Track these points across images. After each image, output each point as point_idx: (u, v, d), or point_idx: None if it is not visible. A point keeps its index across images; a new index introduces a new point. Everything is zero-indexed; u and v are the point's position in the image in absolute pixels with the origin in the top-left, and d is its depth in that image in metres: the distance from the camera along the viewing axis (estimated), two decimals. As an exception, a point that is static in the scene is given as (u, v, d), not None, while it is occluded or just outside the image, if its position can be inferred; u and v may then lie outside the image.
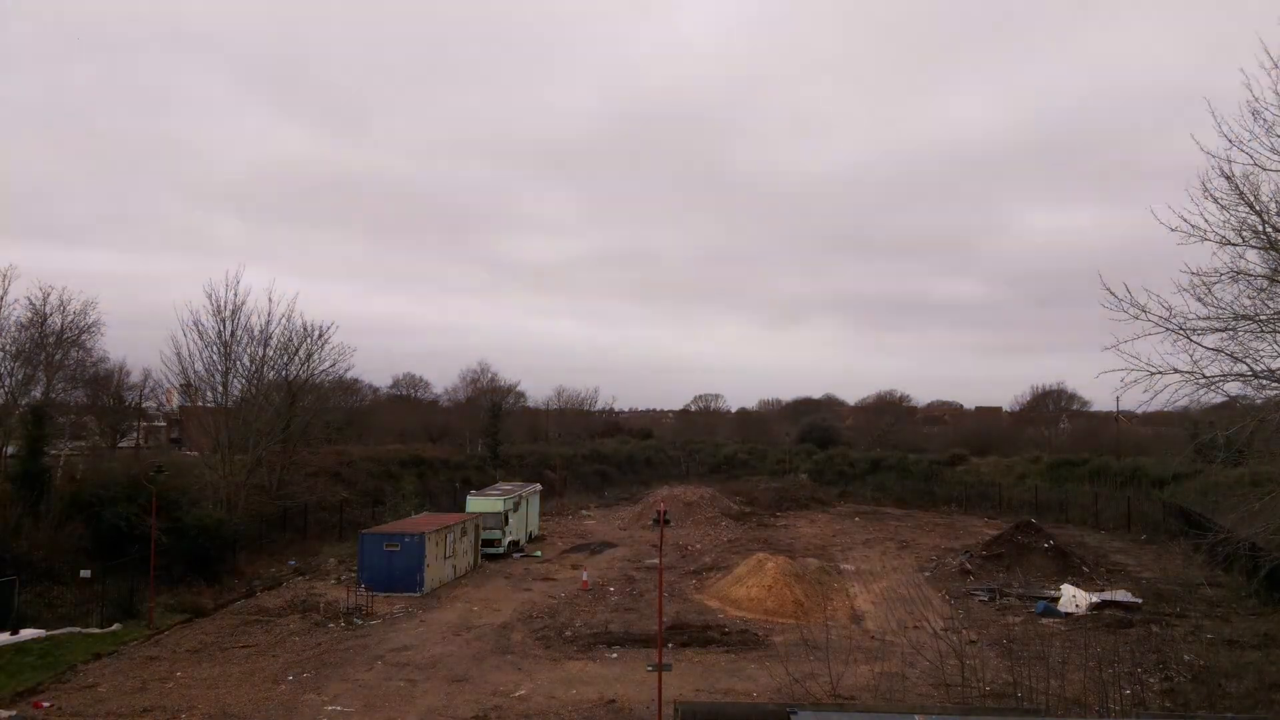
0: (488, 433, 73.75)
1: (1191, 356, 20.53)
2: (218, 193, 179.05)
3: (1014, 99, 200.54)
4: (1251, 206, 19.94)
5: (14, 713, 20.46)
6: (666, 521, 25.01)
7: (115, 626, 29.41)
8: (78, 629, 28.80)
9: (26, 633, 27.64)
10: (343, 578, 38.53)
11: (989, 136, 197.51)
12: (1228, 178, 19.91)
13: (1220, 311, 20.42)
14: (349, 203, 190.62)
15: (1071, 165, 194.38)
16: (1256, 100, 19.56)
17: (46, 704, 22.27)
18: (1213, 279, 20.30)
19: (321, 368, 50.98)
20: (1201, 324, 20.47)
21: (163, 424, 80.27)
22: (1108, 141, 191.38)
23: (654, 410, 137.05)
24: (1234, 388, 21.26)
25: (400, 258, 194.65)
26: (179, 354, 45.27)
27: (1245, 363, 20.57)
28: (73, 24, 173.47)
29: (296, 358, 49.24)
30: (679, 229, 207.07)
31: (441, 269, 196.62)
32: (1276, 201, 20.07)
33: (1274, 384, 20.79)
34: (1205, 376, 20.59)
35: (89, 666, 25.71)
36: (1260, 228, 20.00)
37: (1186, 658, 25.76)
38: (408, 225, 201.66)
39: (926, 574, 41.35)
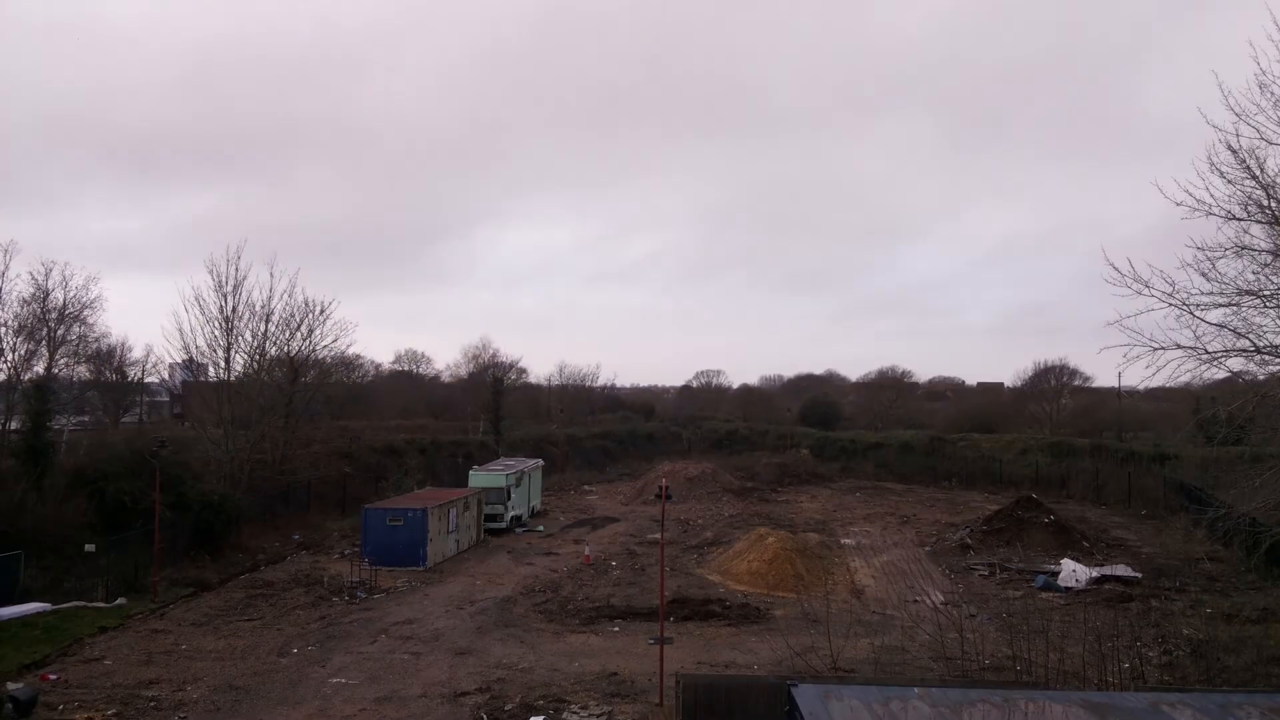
0: (490, 409, 73.82)
1: (1194, 332, 20.45)
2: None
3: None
4: (1257, 180, 19.78)
5: (21, 685, 20.61)
6: (668, 497, 25.12)
7: (120, 600, 29.61)
8: (83, 603, 28.98)
9: (32, 606, 27.81)
10: (346, 552, 38.73)
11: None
12: (1234, 151, 19.73)
13: (1224, 287, 20.32)
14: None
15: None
16: (1264, 73, 19.34)
17: (53, 677, 22.46)
18: (1217, 254, 20.17)
19: (323, 343, 51.02)
20: (1205, 299, 20.38)
21: (165, 399, 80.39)
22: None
23: (656, 386, 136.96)
24: (1237, 363, 21.19)
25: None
26: (180, 329, 45.36)
27: (1248, 338, 20.50)
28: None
29: (298, 333, 49.25)
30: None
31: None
32: (1283, 175, 19.90)
33: (1277, 360, 20.72)
34: (1208, 352, 20.53)
35: (94, 640, 25.91)
36: (1265, 202, 19.86)
37: (1186, 632, 25.89)
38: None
39: (927, 549, 41.52)
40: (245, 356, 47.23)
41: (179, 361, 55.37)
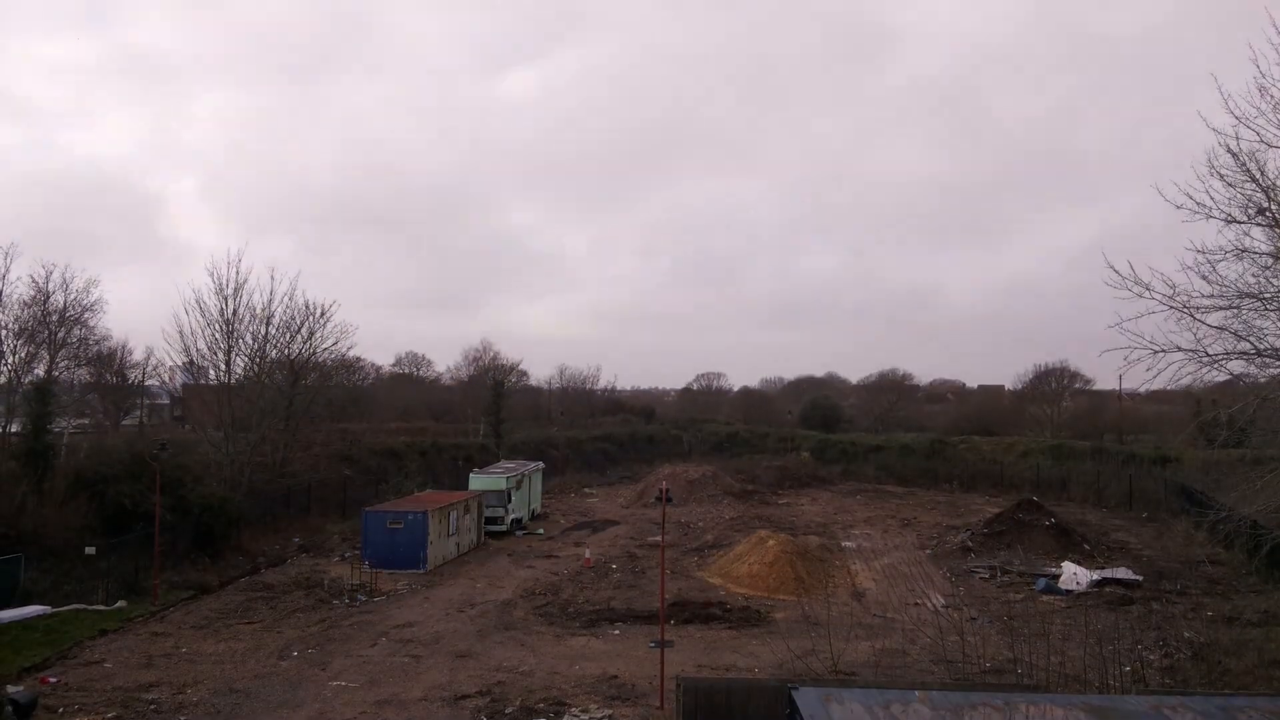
0: (490, 411, 73.83)
1: (1195, 335, 20.38)
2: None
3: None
4: (1257, 183, 19.75)
5: (21, 688, 20.61)
6: (668, 500, 25.07)
7: (120, 603, 29.59)
8: (83, 606, 28.96)
9: (32, 609, 27.79)
10: (346, 555, 38.70)
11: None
12: (1234, 154, 19.68)
13: (1224, 289, 20.25)
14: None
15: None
16: (1264, 76, 19.30)
17: (53, 679, 22.44)
18: (1217, 256, 20.10)
19: (324, 346, 51.00)
20: (1205, 302, 20.30)
21: (166, 402, 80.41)
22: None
23: (656, 389, 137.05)
24: (1237, 366, 21.15)
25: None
26: (181, 332, 45.38)
27: (1249, 341, 20.45)
28: None
29: (299, 336, 49.25)
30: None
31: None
32: (1282, 179, 19.87)
33: (1277, 362, 20.70)
34: (1209, 355, 20.47)
35: (95, 643, 25.90)
36: (1265, 205, 19.83)
37: (1187, 635, 25.88)
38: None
39: (928, 551, 41.48)
40: (246, 359, 47.31)
41: (179, 364, 55.39)
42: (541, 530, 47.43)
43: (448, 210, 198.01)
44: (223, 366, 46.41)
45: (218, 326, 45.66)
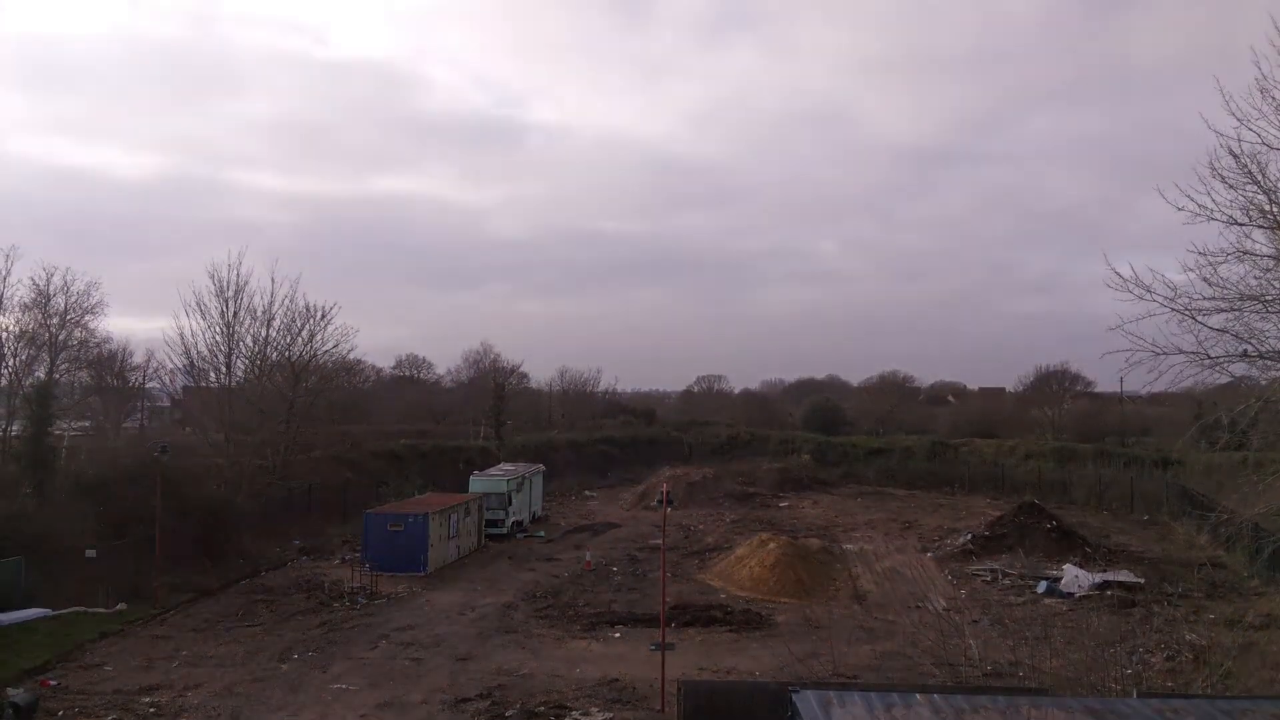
0: (491, 414, 73.78)
1: (1196, 337, 20.36)
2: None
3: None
4: (1259, 185, 19.75)
5: (22, 690, 20.60)
6: (669, 502, 25.09)
7: (121, 606, 29.60)
8: (83, 608, 28.96)
9: (33, 612, 27.80)
10: (347, 557, 38.68)
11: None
12: (1235, 156, 19.68)
13: (1226, 292, 20.23)
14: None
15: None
16: (1266, 78, 19.30)
17: (54, 682, 22.46)
18: (1219, 259, 20.10)
19: (324, 348, 50.97)
20: (1207, 304, 20.29)
21: (167, 405, 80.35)
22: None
23: (657, 391, 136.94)
24: (1239, 369, 21.14)
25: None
26: (181, 335, 45.41)
27: (1250, 343, 20.44)
28: None
29: (299, 339, 49.24)
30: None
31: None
32: (1284, 181, 19.86)
33: (1278, 365, 20.70)
34: (1210, 357, 20.46)
35: (95, 645, 25.93)
36: (1267, 207, 19.82)
37: (1189, 637, 25.86)
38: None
39: (929, 554, 41.42)
40: (246, 362, 47.32)
41: (180, 367, 55.41)
42: (542, 533, 47.40)
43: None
44: (223, 369, 46.47)
45: (218, 329, 45.75)
